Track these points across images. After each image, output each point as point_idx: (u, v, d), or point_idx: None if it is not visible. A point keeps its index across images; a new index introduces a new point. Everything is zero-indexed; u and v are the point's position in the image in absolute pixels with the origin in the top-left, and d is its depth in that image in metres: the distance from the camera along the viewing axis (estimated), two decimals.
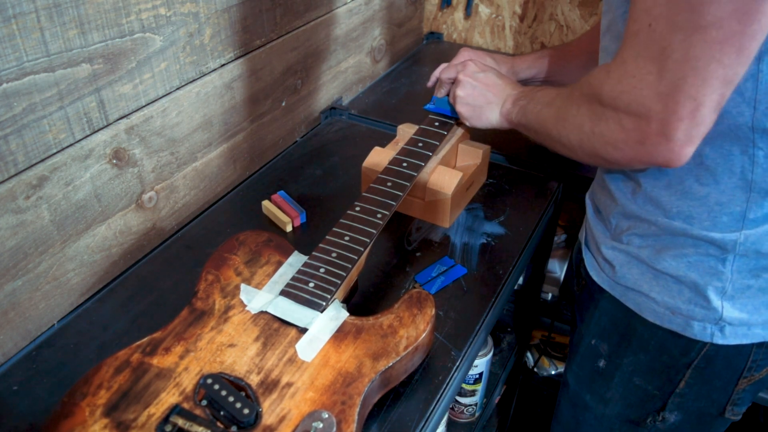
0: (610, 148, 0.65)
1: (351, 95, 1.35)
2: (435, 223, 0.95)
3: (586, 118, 0.67)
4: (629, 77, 0.60)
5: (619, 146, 0.64)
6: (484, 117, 0.91)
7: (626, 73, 0.60)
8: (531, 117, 0.81)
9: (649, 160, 0.62)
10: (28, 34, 0.66)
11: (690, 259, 0.71)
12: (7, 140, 0.68)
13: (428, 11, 1.60)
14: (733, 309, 0.71)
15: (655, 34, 0.57)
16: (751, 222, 0.67)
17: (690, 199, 0.69)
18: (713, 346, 0.73)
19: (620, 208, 0.76)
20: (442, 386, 0.71)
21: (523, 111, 0.84)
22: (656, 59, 0.57)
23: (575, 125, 0.69)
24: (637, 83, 0.59)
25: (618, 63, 0.62)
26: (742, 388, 0.77)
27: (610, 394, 0.85)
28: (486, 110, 0.91)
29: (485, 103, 0.91)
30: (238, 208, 0.99)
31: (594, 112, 0.66)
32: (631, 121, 0.61)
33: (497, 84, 0.91)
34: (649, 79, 0.58)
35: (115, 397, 0.60)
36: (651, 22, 0.57)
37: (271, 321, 0.68)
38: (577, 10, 1.42)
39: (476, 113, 0.92)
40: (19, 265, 0.73)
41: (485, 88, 0.91)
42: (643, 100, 0.59)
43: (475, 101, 0.91)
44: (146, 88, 0.83)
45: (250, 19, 0.98)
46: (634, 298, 0.77)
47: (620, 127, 0.62)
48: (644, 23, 0.57)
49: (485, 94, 0.91)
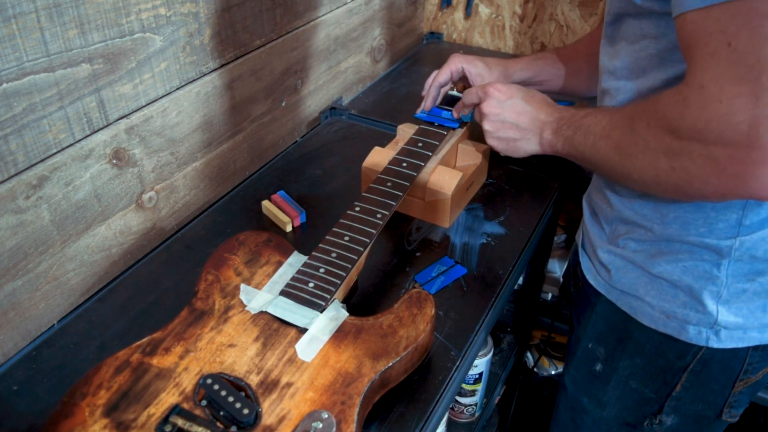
0: (698, 183, 0.58)
1: (351, 95, 1.35)
2: (435, 223, 0.95)
3: (661, 154, 0.60)
4: (715, 103, 0.54)
5: (711, 181, 0.57)
6: (521, 149, 0.83)
7: (710, 100, 0.54)
8: (585, 150, 0.72)
9: (747, 192, 0.56)
10: (28, 34, 0.66)
11: (685, 264, 0.71)
12: (7, 140, 0.68)
13: (428, 11, 1.60)
14: (728, 313, 0.71)
15: (738, 53, 0.52)
16: (746, 228, 0.67)
17: (686, 205, 0.69)
18: (709, 349, 0.73)
19: (616, 213, 0.76)
20: (442, 386, 0.71)
21: (570, 142, 0.74)
22: (745, 79, 0.52)
23: (648, 162, 0.62)
24: (727, 109, 0.53)
25: (695, 89, 0.55)
26: (738, 390, 0.77)
27: (607, 397, 0.85)
28: (521, 143, 0.83)
29: (519, 135, 0.82)
30: (238, 208, 0.99)
31: (670, 146, 0.59)
32: (725, 153, 0.54)
33: (527, 111, 0.82)
34: (740, 102, 0.52)
35: (115, 397, 0.60)
36: (730, 40, 0.52)
37: (270, 321, 0.68)
38: (577, 10, 1.42)
39: (510, 146, 0.84)
40: (19, 265, 0.73)
41: (515, 118, 0.82)
42: (737, 126, 0.53)
43: (507, 134, 0.83)
44: (146, 88, 0.83)
45: (250, 19, 0.98)
46: (629, 302, 0.77)
47: (710, 161, 0.56)
48: (721, 43, 0.53)
49: (516, 126, 0.82)
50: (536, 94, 0.84)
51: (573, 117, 0.75)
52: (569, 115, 0.76)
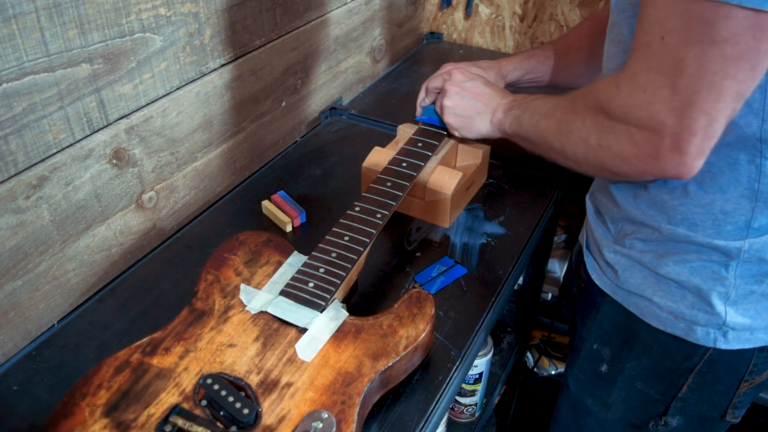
0: (618, 161, 0.64)
1: (351, 95, 1.35)
2: (435, 223, 0.95)
3: (593, 132, 0.66)
4: (641, 91, 0.59)
5: (630, 160, 0.63)
6: (474, 127, 0.89)
7: (638, 87, 0.59)
8: (528, 128, 0.78)
9: (660, 173, 0.61)
10: (28, 34, 0.66)
11: (693, 265, 0.71)
12: (7, 140, 0.68)
13: (428, 11, 1.60)
14: (736, 314, 0.71)
15: (669, 48, 0.56)
16: (755, 231, 0.67)
17: (694, 206, 0.69)
18: (716, 350, 0.73)
19: (623, 212, 0.76)
20: (442, 386, 0.71)
21: (517, 121, 0.81)
22: (669, 73, 0.56)
23: (580, 138, 0.68)
24: (650, 97, 0.58)
25: (628, 76, 0.60)
26: (743, 391, 0.77)
27: (612, 398, 0.85)
28: (476, 120, 0.88)
29: (474, 113, 0.88)
30: (238, 208, 0.99)
31: (601, 125, 0.64)
32: (642, 136, 0.60)
33: (485, 92, 0.88)
34: (662, 93, 0.57)
35: (115, 397, 0.60)
36: (664, 35, 0.56)
37: (270, 321, 0.68)
38: (577, 10, 1.42)
39: (465, 123, 0.90)
40: (19, 265, 0.73)
41: (473, 97, 0.88)
42: (655, 114, 0.58)
43: (464, 111, 0.89)
44: (146, 88, 0.83)
45: (250, 19, 0.98)
46: (636, 303, 0.77)
47: (631, 142, 0.61)
48: (656, 36, 0.56)
49: (474, 104, 0.88)
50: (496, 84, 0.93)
51: (525, 99, 0.82)
52: (522, 98, 0.83)
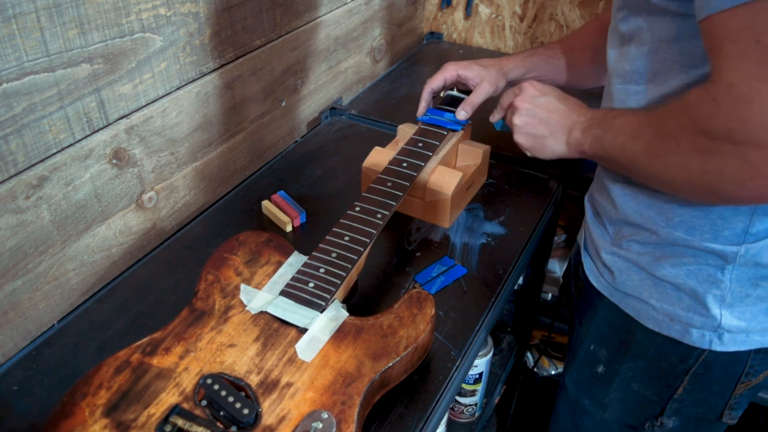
0: (732, 187, 0.56)
1: (351, 95, 1.35)
2: (435, 223, 0.95)
3: (693, 156, 0.58)
4: (747, 103, 0.51)
5: (746, 184, 0.55)
6: (547, 148, 0.81)
7: (741, 99, 0.52)
8: (613, 150, 0.69)
9: None
10: (28, 34, 0.66)
11: (689, 268, 0.71)
12: (7, 140, 0.68)
13: (428, 11, 1.60)
14: (731, 317, 0.71)
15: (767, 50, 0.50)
16: (752, 236, 0.67)
17: (693, 210, 0.69)
18: (711, 352, 0.73)
19: (621, 214, 0.76)
20: (442, 386, 0.71)
21: (599, 142, 0.72)
22: None
23: (679, 164, 0.60)
24: (760, 108, 0.51)
25: (724, 87, 0.53)
26: (739, 393, 0.77)
27: (609, 399, 0.85)
28: (549, 141, 0.80)
29: (548, 133, 0.80)
30: (238, 208, 0.99)
31: (702, 147, 0.57)
32: (760, 155, 0.52)
33: (559, 109, 0.80)
34: None
35: (115, 397, 0.60)
36: (758, 38, 0.50)
37: (270, 321, 0.68)
38: (577, 10, 1.42)
39: (537, 144, 0.81)
40: (19, 265, 0.73)
41: (546, 114, 0.80)
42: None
43: (536, 130, 0.81)
44: (146, 88, 0.83)
45: (250, 19, 0.98)
46: (633, 305, 0.77)
47: (745, 163, 0.53)
48: (749, 41, 0.51)
49: (547, 122, 0.80)
50: (570, 96, 0.82)
51: (605, 116, 0.73)
52: (601, 115, 0.74)
